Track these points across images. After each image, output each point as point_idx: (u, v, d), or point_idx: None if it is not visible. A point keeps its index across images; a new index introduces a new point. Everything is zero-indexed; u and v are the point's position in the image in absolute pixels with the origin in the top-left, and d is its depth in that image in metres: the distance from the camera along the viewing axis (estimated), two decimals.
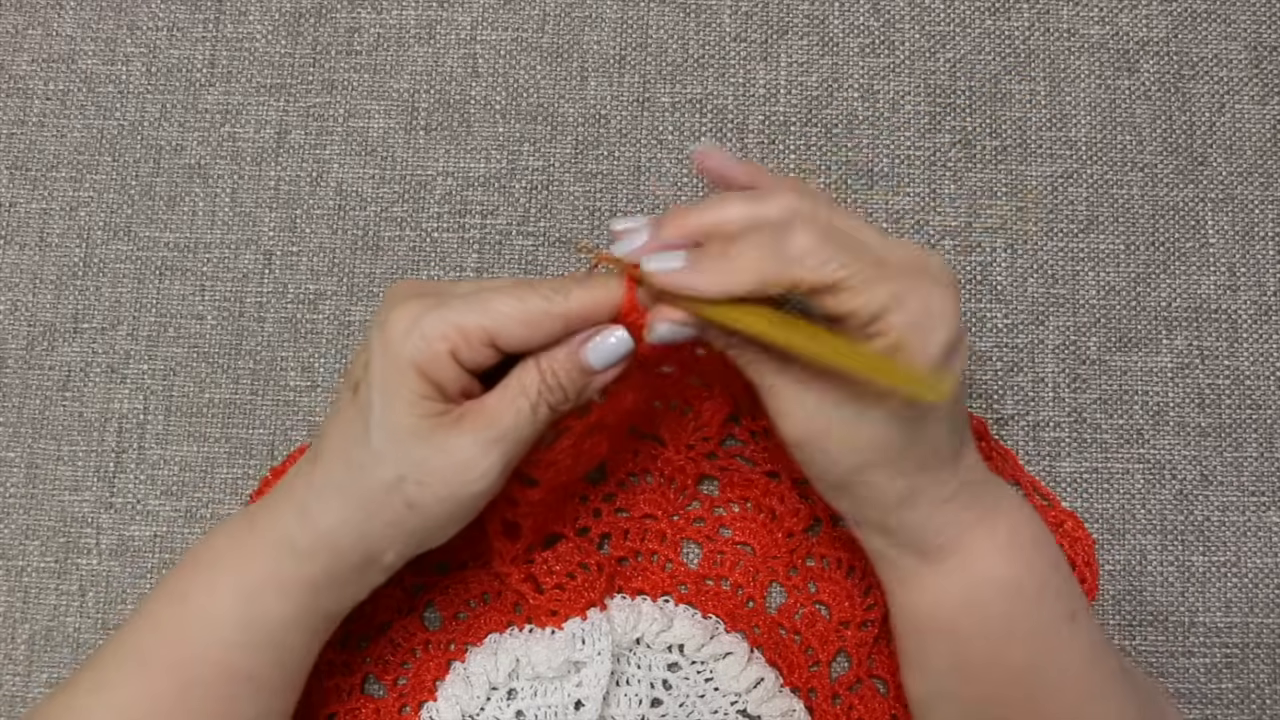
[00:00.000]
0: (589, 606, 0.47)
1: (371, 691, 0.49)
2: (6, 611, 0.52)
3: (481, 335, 0.37)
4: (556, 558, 0.47)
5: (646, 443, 0.50)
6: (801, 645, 0.49)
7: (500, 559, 0.46)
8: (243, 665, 0.40)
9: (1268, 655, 0.50)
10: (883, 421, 0.37)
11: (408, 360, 0.37)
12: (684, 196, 0.55)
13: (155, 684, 0.40)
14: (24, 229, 0.55)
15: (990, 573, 0.40)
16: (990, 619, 0.40)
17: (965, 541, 0.39)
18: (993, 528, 0.40)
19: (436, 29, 0.57)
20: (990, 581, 0.40)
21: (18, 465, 0.53)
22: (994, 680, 0.40)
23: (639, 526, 0.50)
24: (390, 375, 0.38)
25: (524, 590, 0.47)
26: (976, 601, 0.40)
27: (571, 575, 0.47)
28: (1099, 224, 0.54)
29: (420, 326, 0.37)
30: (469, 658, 0.48)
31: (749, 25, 0.56)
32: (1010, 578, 0.40)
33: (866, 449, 0.38)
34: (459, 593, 0.49)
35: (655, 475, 0.50)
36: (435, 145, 0.56)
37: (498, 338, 0.38)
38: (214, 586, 0.40)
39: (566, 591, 0.46)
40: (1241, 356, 0.52)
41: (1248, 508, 0.51)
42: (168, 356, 0.54)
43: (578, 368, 0.39)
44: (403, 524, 0.39)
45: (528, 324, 0.38)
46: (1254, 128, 0.55)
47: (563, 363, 0.39)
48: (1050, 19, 0.56)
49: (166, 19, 0.57)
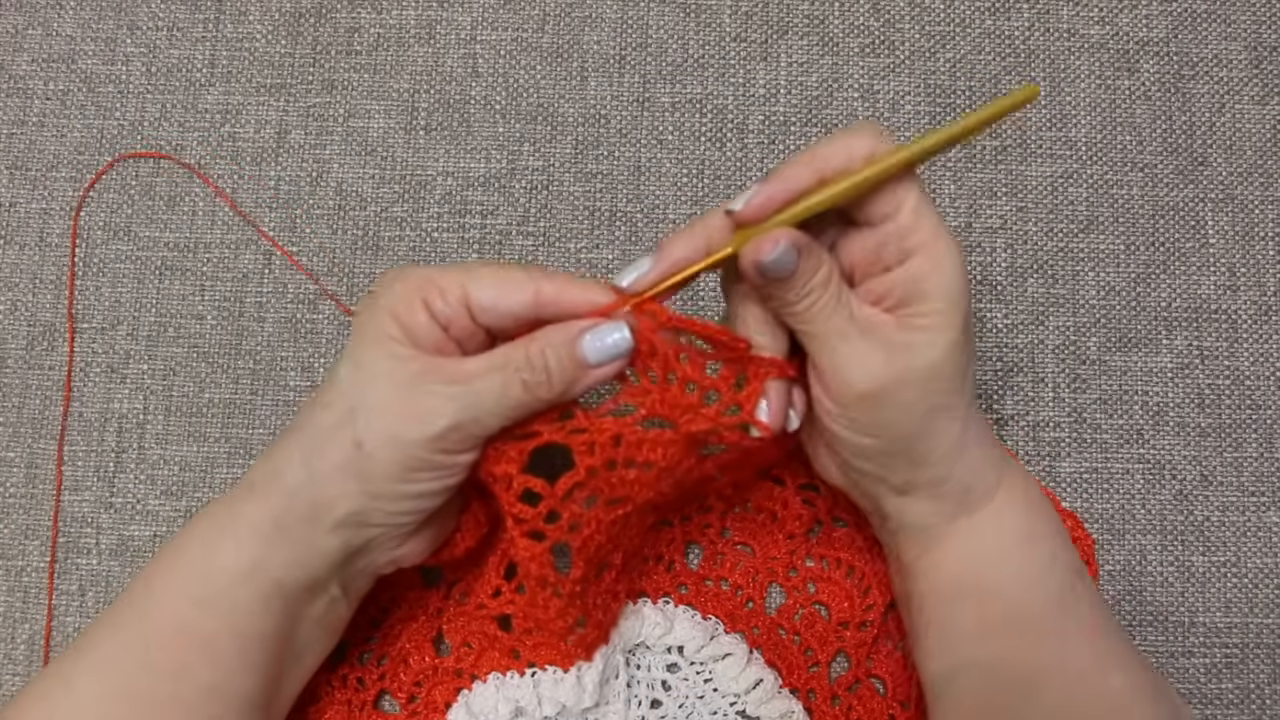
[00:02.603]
0: (594, 649, 0.46)
1: (384, 708, 0.49)
2: (6, 611, 0.52)
3: (457, 291, 0.38)
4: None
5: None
6: (801, 646, 0.49)
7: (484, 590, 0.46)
8: (197, 624, 0.39)
9: (1268, 655, 0.50)
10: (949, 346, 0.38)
11: (385, 304, 0.39)
12: (683, 197, 0.55)
13: (125, 642, 0.40)
14: (24, 229, 0.55)
15: (1014, 525, 0.41)
16: (1014, 569, 0.41)
17: (992, 496, 0.41)
18: (1012, 484, 0.41)
19: (436, 29, 0.57)
20: (1014, 531, 0.41)
21: (18, 465, 0.53)
22: (1017, 637, 0.41)
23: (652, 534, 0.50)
24: (369, 317, 0.39)
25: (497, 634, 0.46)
26: (1003, 552, 0.41)
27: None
28: (1099, 224, 0.54)
29: (401, 277, 0.39)
30: (474, 690, 0.47)
31: (749, 25, 0.56)
32: (1032, 530, 0.41)
33: (938, 382, 0.39)
34: (468, 623, 0.48)
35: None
36: (435, 145, 0.56)
37: (470, 295, 0.38)
38: (184, 539, 0.41)
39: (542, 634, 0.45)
40: (1241, 356, 0.52)
41: (1248, 508, 0.51)
42: (168, 356, 0.54)
43: (570, 355, 0.39)
44: (348, 466, 0.38)
45: (500, 284, 0.38)
46: (1254, 128, 0.55)
47: (556, 345, 0.38)
48: (1050, 19, 0.56)
49: (166, 19, 0.57)
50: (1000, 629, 0.41)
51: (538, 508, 0.40)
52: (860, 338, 0.39)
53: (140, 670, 0.39)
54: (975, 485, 0.41)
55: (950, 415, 0.39)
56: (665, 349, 0.39)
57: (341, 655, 0.48)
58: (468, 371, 0.38)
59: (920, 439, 0.40)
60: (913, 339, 0.39)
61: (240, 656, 0.40)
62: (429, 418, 0.38)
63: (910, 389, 0.39)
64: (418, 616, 0.49)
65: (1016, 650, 0.41)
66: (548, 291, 0.39)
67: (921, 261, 0.38)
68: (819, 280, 0.39)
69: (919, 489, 0.41)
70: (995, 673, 0.41)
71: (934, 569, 0.42)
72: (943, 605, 0.42)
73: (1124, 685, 0.40)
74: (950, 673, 0.42)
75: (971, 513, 0.41)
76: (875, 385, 0.39)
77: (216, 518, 0.41)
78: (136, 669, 0.40)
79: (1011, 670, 0.41)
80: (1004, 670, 0.41)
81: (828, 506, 0.49)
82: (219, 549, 0.40)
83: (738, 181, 0.55)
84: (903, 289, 0.39)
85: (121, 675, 0.40)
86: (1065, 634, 0.41)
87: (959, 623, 0.42)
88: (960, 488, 0.41)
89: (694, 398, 0.39)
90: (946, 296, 0.38)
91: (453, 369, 0.38)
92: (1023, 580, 0.41)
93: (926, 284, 0.38)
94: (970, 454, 0.40)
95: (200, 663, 0.39)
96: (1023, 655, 0.41)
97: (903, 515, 0.42)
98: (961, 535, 0.41)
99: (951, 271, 0.38)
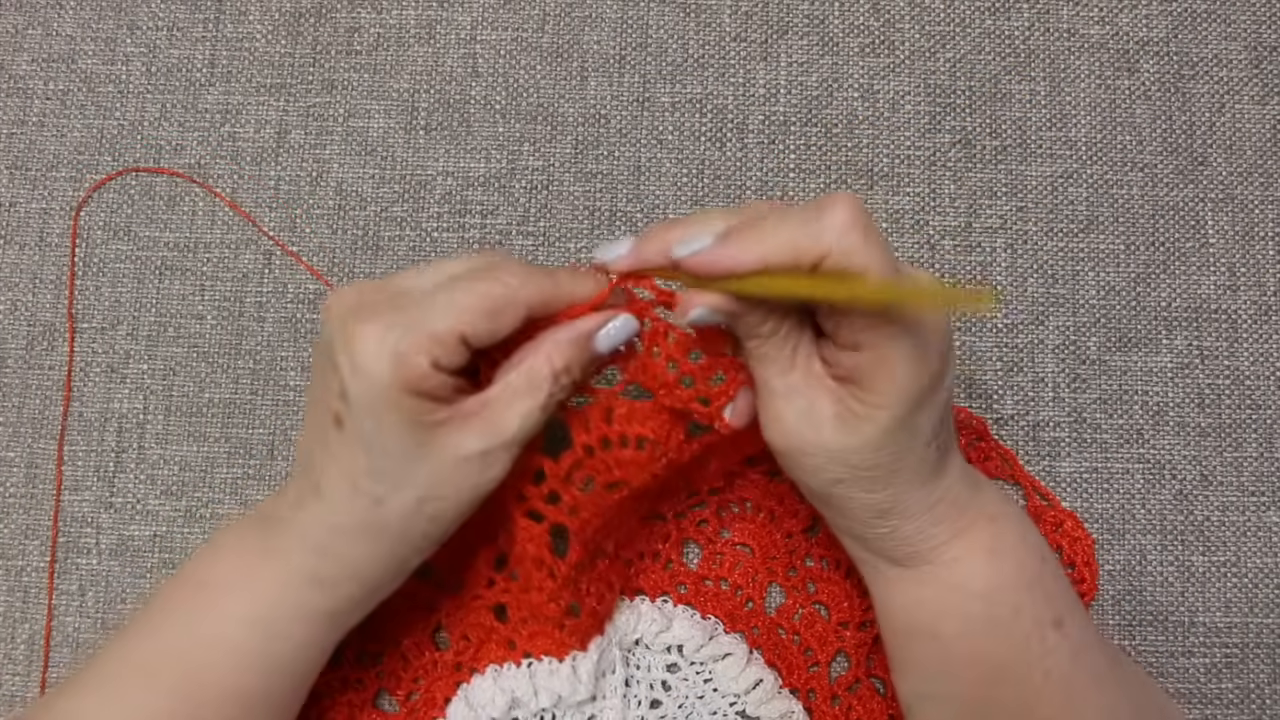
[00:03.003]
0: (589, 638, 0.46)
1: (383, 706, 0.49)
2: (6, 611, 0.52)
3: (454, 337, 0.36)
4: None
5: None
6: (800, 646, 0.49)
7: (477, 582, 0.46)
8: (258, 688, 0.40)
9: (1268, 655, 0.50)
10: (868, 440, 0.37)
11: (389, 383, 0.36)
12: (683, 197, 0.55)
13: (164, 701, 0.39)
14: (24, 229, 0.55)
15: (968, 580, 0.40)
16: (971, 622, 0.40)
17: (941, 552, 0.40)
18: (974, 537, 0.40)
19: (436, 29, 0.57)
20: (967, 588, 0.40)
21: (18, 465, 0.53)
22: (979, 680, 0.40)
23: (645, 527, 0.50)
24: (376, 402, 0.36)
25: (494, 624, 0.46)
26: (954, 607, 0.40)
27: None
28: (1099, 224, 0.54)
29: (391, 341, 0.36)
30: (473, 683, 0.47)
31: (749, 25, 0.56)
32: (990, 584, 0.40)
33: (847, 464, 0.38)
34: (465, 615, 0.48)
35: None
36: (435, 145, 0.56)
37: (469, 337, 0.37)
38: (227, 614, 0.40)
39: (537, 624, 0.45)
40: (1241, 356, 0.52)
41: (1248, 508, 0.51)
42: (168, 356, 0.54)
43: (585, 356, 0.39)
44: (429, 536, 0.39)
45: (493, 315, 0.37)
46: (1254, 128, 0.55)
47: (575, 357, 0.39)
48: (1050, 19, 0.56)
49: (166, 19, 0.57)
50: (962, 670, 0.40)
51: (540, 486, 0.41)
52: (789, 395, 0.38)
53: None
54: (900, 550, 0.40)
55: (869, 487, 0.38)
56: (656, 323, 0.40)
57: (339, 656, 0.48)
58: (498, 405, 0.38)
59: (831, 505, 0.40)
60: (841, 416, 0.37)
61: (298, 696, 0.42)
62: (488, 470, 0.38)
63: (820, 460, 0.38)
64: (414, 612, 0.49)
65: (979, 690, 0.40)
66: (537, 304, 0.38)
67: (867, 360, 0.37)
68: (764, 331, 0.38)
69: (846, 536, 0.42)
70: (959, 707, 0.41)
71: (891, 607, 0.42)
72: (903, 639, 0.42)
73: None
74: (918, 700, 0.43)
75: (911, 568, 0.40)
76: (785, 446, 0.39)
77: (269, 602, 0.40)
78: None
79: (975, 707, 0.41)
80: (968, 706, 0.41)
81: None
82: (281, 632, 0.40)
83: (738, 181, 0.55)
84: (847, 370, 0.37)
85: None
86: (1030, 682, 0.40)
87: (919, 659, 0.42)
88: (885, 548, 0.40)
89: (672, 376, 0.40)
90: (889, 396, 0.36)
91: (491, 419, 0.38)
92: (984, 633, 0.40)
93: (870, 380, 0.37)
94: (895, 523, 0.39)
95: (259, 711, 0.41)
96: (986, 695, 0.40)
97: (848, 549, 0.43)
98: (909, 583, 0.40)
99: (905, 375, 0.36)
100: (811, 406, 0.38)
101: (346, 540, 0.39)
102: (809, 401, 0.38)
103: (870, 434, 0.37)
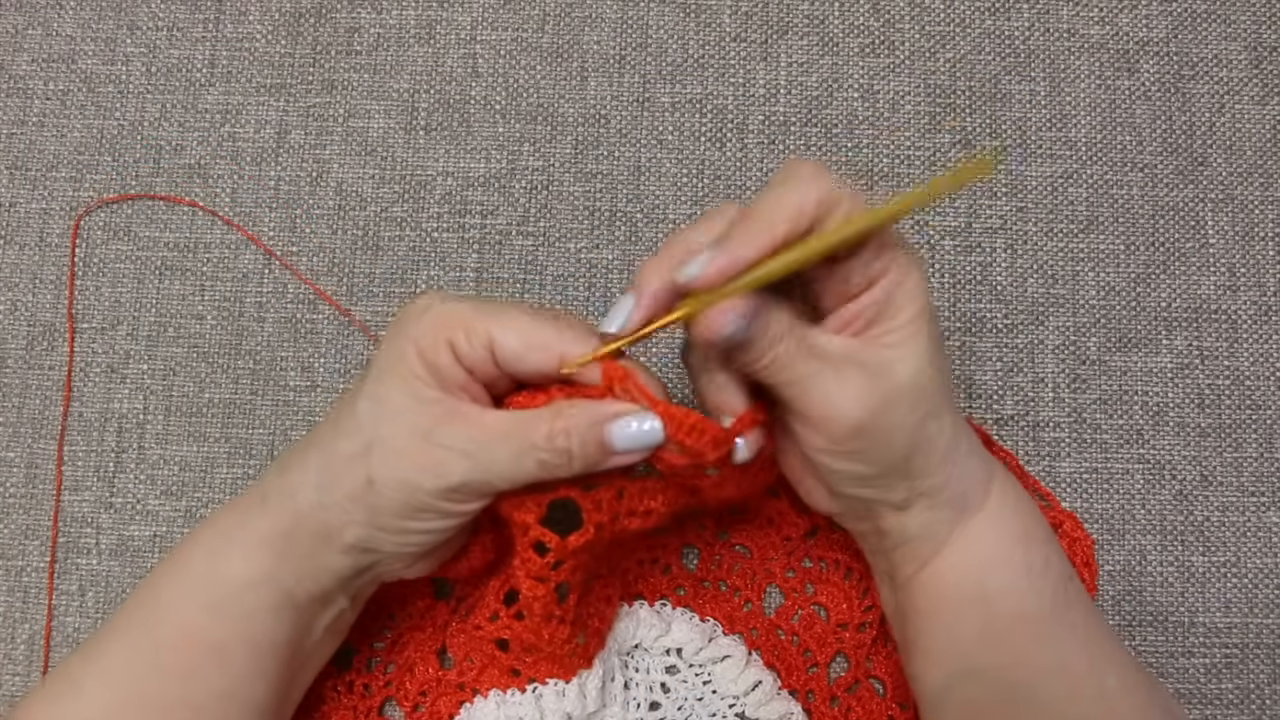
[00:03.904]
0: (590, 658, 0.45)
1: (389, 714, 0.49)
2: (6, 611, 0.52)
3: (483, 335, 0.37)
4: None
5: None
6: (799, 647, 0.49)
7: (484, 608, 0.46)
8: (208, 630, 0.39)
9: (1268, 655, 0.50)
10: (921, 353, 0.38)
11: (411, 339, 0.38)
12: (683, 197, 0.55)
13: (133, 646, 0.40)
14: (24, 229, 0.55)
15: (1010, 524, 0.41)
16: (1013, 572, 0.41)
17: (987, 492, 0.41)
18: (1002, 485, 0.41)
19: (436, 29, 0.57)
20: (1010, 533, 0.41)
21: (18, 465, 0.53)
22: (1019, 641, 0.40)
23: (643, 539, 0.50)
24: (393, 350, 0.38)
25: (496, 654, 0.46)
26: (1003, 555, 0.41)
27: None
28: (1099, 224, 0.54)
29: (431, 311, 0.38)
30: (475, 704, 0.47)
31: (749, 25, 0.56)
32: (1025, 530, 0.41)
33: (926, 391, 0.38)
34: (468, 641, 0.48)
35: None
36: (435, 145, 0.56)
37: (496, 344, 0.37)
38: (192, 545, 0.41)
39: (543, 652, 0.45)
40: (1241, 356, 0.52)
41: (1248, 508, 0.51)
42: (168, 356, 0.54)
43: (596, 440, 0.38)
44: (359, 499, 0.38)
45: (527, 340, 0.37)
46: (1254, 128, 0.54)
47: (582, 429, 0.37)
48: (1050, 19, 0.56)
49: (166, 19, 0.57)
50: (1003, 634, 0.41)
51: (546, 558, 0.40)
52: (835, 372, 0.38)
53: (149, 674, 0.40)
54: (971, 487, 0.41)
55: (939, 421, 0.39)
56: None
57: (348, 660, 0.48)
58: (487, 428, 0.38)
59: (917, 452, 0.39)
60: (890, 355, 0.38)
61: (251, 663, 0.40)
62: (442, 470, 0.37)
63: (900, 406, 0.38)
64: (425, 627, 0.49)
65: (1017, 655, 0.41)
66: (572, 357, 0.38)
67: (888, 284, 0.38)
68: (776, 334, 0.38)
69: (918, 501, 0.41)
70: (996, 679, 0.41)
71: (936, 579, 0.42)
72: (945, 615, 0.42)
73: (1119, 685, 0.40)
74: (948, 682, 0.42)
75: (970, 517, 0.41)
76: (865, 413, 0.38)
77: (225, 527, 0.41)
78: (145, 672, 0.40)
79: (1012, 675, 0.41)
80: (1004, 676, 0.41)
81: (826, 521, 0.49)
82: (229, 558, 0.40)
83: (738, 181, 0.55)
84: (871, 311, 0.39)
85: (130, 679, 0.40)
86: (1062, 637, 0.41)
87: (962, 631, 0.41)
88: (957, 492, 0.40)
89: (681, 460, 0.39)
90: (914, 309, 0.38)
91: (474, 420, 0.38)
92: (1022, 583, 0.41)
93: (894, 303, 0.38)
94: (962, 456, 0.40)
95: (210, 668, 0.40)
96: (1023, 659, 0.41)
97: (904, 530, 0.42)
98: (963, 541, 0.41)
99: (917, 285, 0.38)
100: (865, 363, 0.38)
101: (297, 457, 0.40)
102: (858, 362, 0.38)
103: (924, 347, 0.38)
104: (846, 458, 0.39)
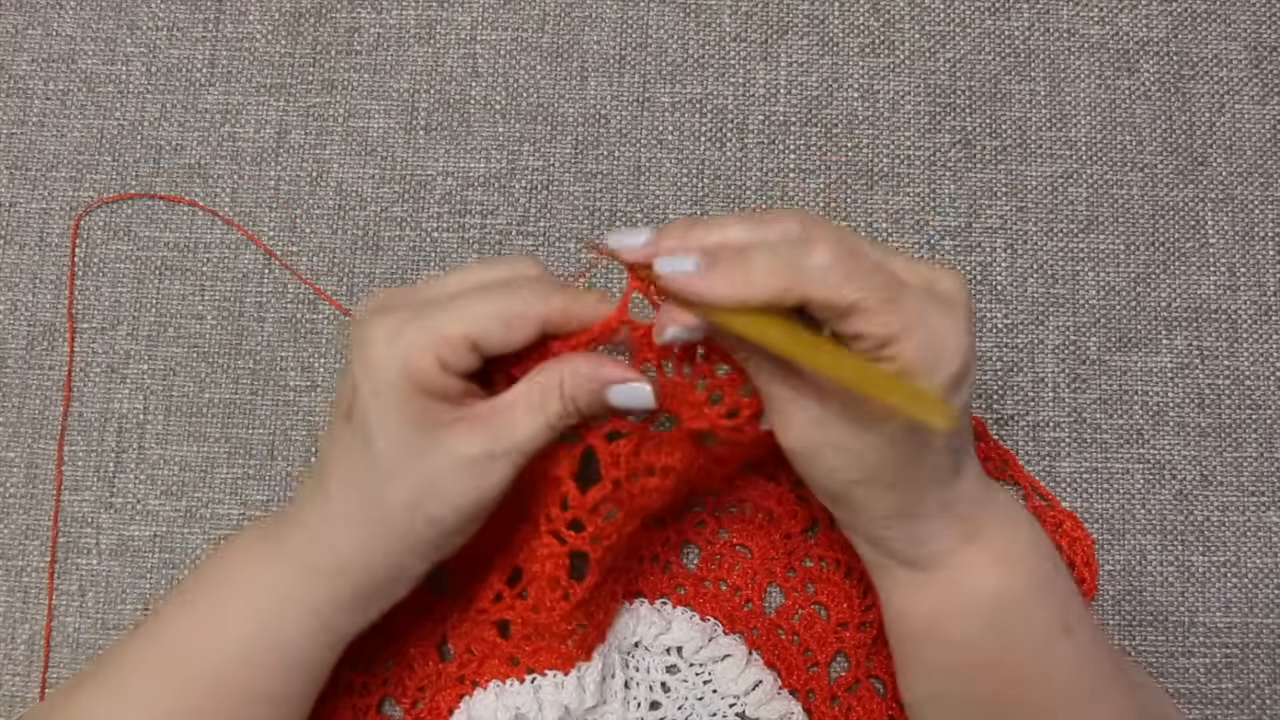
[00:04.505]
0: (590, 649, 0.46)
1: (389, 713, 0.49)
2: (6, 611, 0.52)
3: (465, 341, 0.37)
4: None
5: None
6: (800, 647, 0.49)
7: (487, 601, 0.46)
8: (264, 685, 0.40)
9: (1268, 655, 0.50)
10: (881, 442, 0.37)
11: (396, 374, 0.36)
12: (683, 197, 0.55)
13: (174, 700, 0.40)
14: (24, 229, 0.55)
15: (980, 585, 0.39)
16: (982, 628, 0.40)
17: (954, 556, 0.39)
18: (986, 542, 0.40)
19: (436, 29, 0.57)
20: (979, 593, 0.39)
21: (18, 465, 0.53)
22: (989, 681, 0.40)
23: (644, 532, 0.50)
24: (381, 392, 0.37)
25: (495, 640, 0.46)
26: (965, 612, 0.40)
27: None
28: (1099, 224, 0.54)
29: (402, 339, 0.36)
30: (475, 696, 0.47)
31: (749, 25, 0.56)
32: (1001, 589, 0.39)
33: (862, 466, 0.38)
34: (469, 629, 0.48)
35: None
36: (435, 145, 0.56)
37: (480, 343, 0.37)
38: (230, 608, 0.40)
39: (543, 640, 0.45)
40: (1241, 356, 0.52)
41: (1248, 508, 0.51)
42: (168, 356, 0.54)
43: (599, 402, 0.38)
44: (426, 539, 0.39)
45: (505, 325, 0.37)
46: (1254, 128, 0.55)
47: (586, 395, 0.38)
48: (1050, 19, 0.56)
49: (166, 19, 0.57)
50: (974, 674, 0.40)
51: (566, 513, 0.41)
52: (795, 399, 0.37)
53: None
54: (915, 552, 0.40)
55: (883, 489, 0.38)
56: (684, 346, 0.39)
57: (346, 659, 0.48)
58: (509, 420, 0.38)
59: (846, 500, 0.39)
60: (851, 411, 0.37)
61: (305, 697, 0.42)
62: (493, 480, 0.38)
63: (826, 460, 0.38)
64: (423, 622, 0.49)
65: (992, 691, 0.40)
66: (552, 322, 0.38)
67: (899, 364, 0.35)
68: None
69: (858, 536, 0.41)
70: (970, 704, 0.41)
71: (901, 610, 0.42)
72: (912, 641, 0.42)
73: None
74: (925, 701, 0.43)
75: (922, 572, 0.40)
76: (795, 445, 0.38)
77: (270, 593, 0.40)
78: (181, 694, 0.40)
79: (986, 709, 0.41)
80: (979, 704, 0.41)
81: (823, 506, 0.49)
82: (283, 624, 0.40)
83: (738, 181, 0.55)
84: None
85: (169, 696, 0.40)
86: (1040, 690, 0.40)
87: (929, 661, 0.42)
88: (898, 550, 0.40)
89: (702, 395, 0.39)
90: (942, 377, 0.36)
91: (497, 426, 0.38)
92: (994, 637, 0.40)
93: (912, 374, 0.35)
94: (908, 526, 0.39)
95: (265, 712, 0.41)
96: (998, 695, 0.40)
97: (859, 550, 0.42)
98: (920, 587, 0.40)
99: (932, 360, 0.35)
100: (822, 408, 0.37)
101: (340, 530, 0.39)
102: (816, 402, 0.37)
103: (885, 434, 0.37)
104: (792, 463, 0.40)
